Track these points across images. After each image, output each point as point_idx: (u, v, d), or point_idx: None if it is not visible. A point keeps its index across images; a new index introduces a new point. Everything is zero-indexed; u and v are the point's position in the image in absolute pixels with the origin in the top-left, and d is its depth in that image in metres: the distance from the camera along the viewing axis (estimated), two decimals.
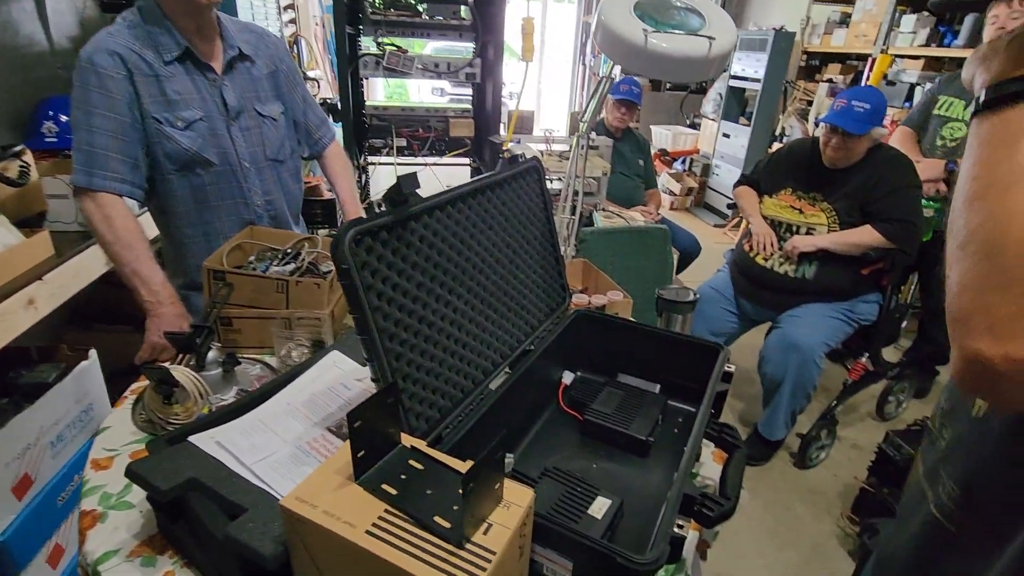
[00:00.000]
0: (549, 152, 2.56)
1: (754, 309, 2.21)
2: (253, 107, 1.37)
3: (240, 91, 1.34)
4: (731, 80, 4.98)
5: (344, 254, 0.64)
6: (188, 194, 1.34)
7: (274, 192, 1.45)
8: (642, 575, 0.59)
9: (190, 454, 0.76)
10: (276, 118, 1.42)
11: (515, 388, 0.92)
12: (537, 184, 1.06)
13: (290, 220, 1.55)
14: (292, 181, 1.53)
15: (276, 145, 1.43)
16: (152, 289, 1.23)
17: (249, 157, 1.37)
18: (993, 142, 0.47)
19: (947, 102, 2.31)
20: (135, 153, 1.24)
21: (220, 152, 1.32)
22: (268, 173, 1.43)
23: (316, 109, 1.57)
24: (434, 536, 0.54)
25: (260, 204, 1.43)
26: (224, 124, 1.32)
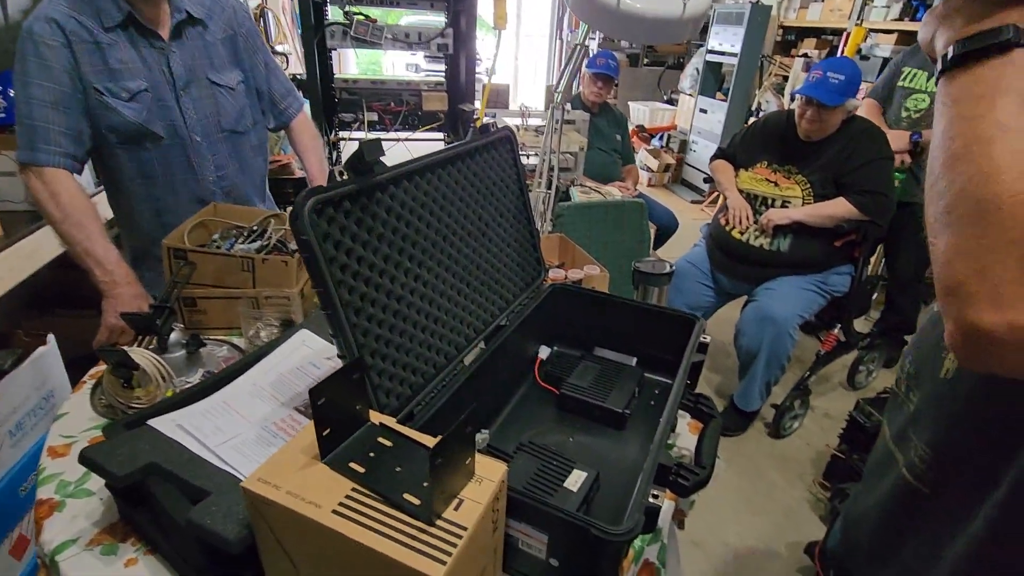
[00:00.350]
0: (525, 127, 2.51)
1: (730, 283, 2.22)
2: (205, 75, 1.29)
3: (190, 58, 1.26)
4: (708, 55, 4.95)
5: (304, 225, 0.61)
6: (135, 169, 1.28)
7: (229, 166, 1.38)
8: (617, 545, 0.59)
9: (150, 438, 0.72)
10: (233, 87, 1.35)
11: (490, 363, 0.90)
12: (510, 154, 1.03)
13: (252, 197, 1.48)
14: (254, 155, 1.46)
15: (233, 116, 1.36)
16: (106, 269, 1.17)
17: (201, 130, 1.30)
18: (969, 99, 0.45)
19: (911, 73, 2.33)
20: (78, 125, 1.18)
21: (168, 125, 1.25)
22: (223, 146, 1.36)
23: (281, 77, 1.49)
24: (403, 514, 0.53)
25: (212, 180, 1.36)
26: (172, 95, 1.25)
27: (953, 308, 0.42)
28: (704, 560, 1.74)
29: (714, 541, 1.81)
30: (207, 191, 1.36)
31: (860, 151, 1.97)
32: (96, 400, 0.96)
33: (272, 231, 1.27)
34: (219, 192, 1.38)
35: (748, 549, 1.79)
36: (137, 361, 0.90)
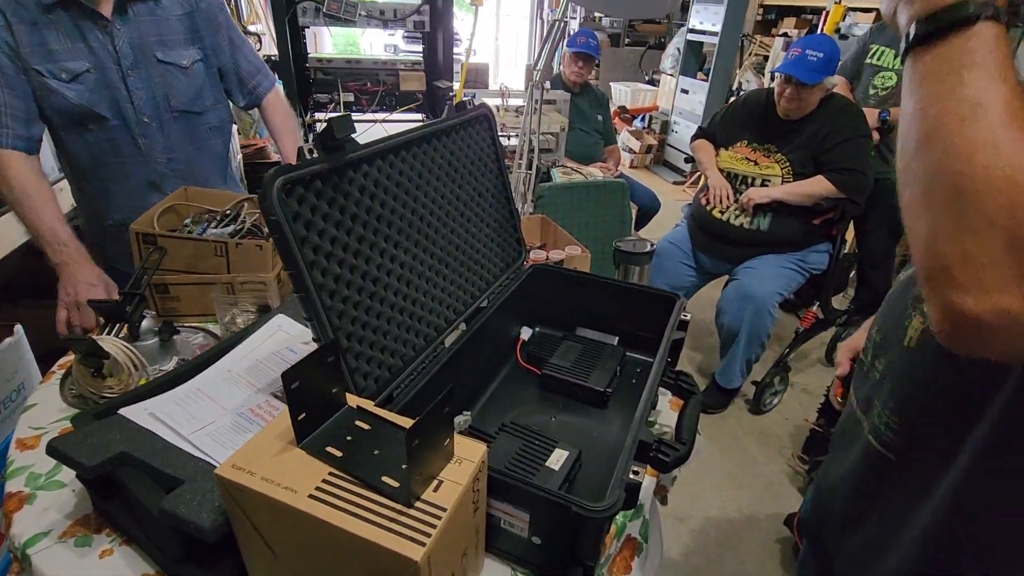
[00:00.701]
0: (506, 108, 2.48)
1: (711, 262, 2.24)
2: (154, 54, 1.24)
3: (137, 36, 1.21)
4: (689, 34, 4.92)
5: (272, 204, 0.59)
6: (83, 151, 1.25)
7: (181, 149, 1.34)
8: (598, 522, 0.59)
9: (121, 428, 0.71)
10: (186, 65, 1.29)
11: (470, 345, 0.89)
12: (488, 133, 1.01)
13: (211, 178, 1.44)
14: (212, 135, 1.41)
15: (188, 96, 1.31)
16: (55, 248, 1.14)
17: (150, 110, 1.26)
18: (937, 76, 0.43)
19: (878, 51, 2.34)
20: (23, 105, 1.15)
21: (114, 106, 1.22)
22: (175, 127, 1.31)
23: (249, 54, 1.44)
24: (382, 496, 0.52)
25: (163, 162, 1.32)
26: (118, 75, 1.20)
27: (937, 294, 0.41)
28: (687, 534, 1.78)
29: (697, 516, 1.84)
30: (157, 173, 1.32)
31: (838, 129, 1.98)
32: (66, 391, 0.94)
33: (246, 215, 1.24)
34: (170, 174, 1.34)
35: (729, 522, 1.83)
36: (107, 350, 0.87)
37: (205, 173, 1.42)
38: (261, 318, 0.98)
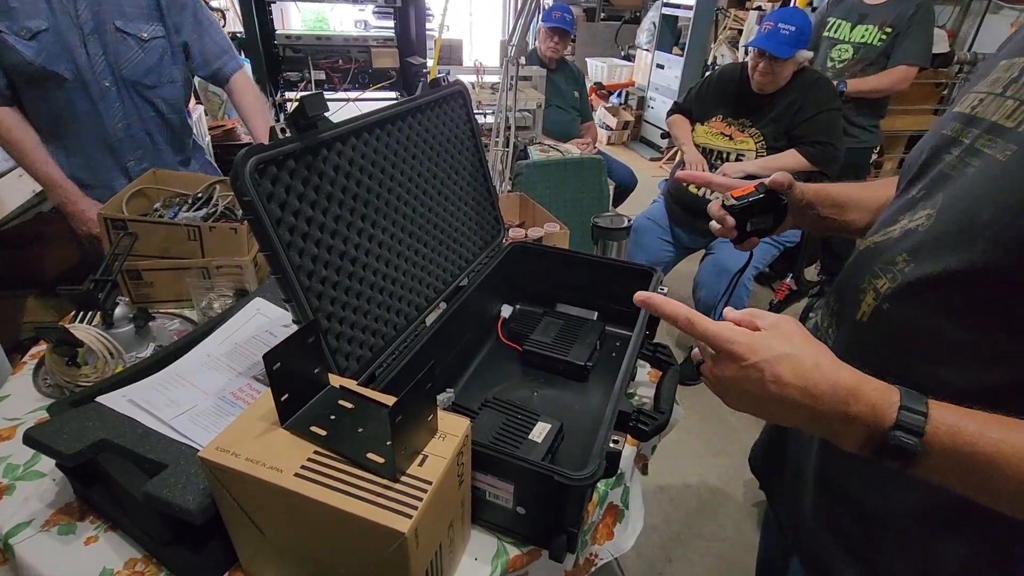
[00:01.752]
0: (481, 84, 2.45)
1: (688, 237, 2.26)
2: (112, 23, 1.27)
3: (97, 4, 1.25)
4: (664, 8, 4.89)
5: (246, 185, 0.58)
6: (43, 111, 1.29)
7: (137, 116, 1.38)
8: (580, 490, 0.61)
9: (99, 415, 0.70)
10: (144, 38, 1.31)
11: (451, 323, 0.90)
12: (463, 110, 1.00)
13: (165, 152, 1.47)
14: (169, 110, 1.44)
15: (140, 68, 1.33)
16: (52, 190, 1.32)
17: (110, 75, 1.31)
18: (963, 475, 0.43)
19: (835, 24, 2.38)
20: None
21: (72, 68, 1.26)
22: (130, 96, 1.35)
23: (215, 35, 1.42)
24: (368, 472, 0.53)
25: (121, 127, 1.37)
26: (79, 38, 1.24)
27: None
28: (668, 502, 1.83)
29: (677, 483, 1.90)
30: (115, 139, 1.37)
31: (810, 102, 2.00)
32: (40, 380, 0.92)
33: (219, 197, 1.22)
34: (127, 140, 1.39)
35: (709, 489, 1.89)
36: (80, 338, 0.86)
37: (160, 146, 1.46)
38: (239, 302, 0.97)
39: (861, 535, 0.62)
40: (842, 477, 0.63)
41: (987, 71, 0.56)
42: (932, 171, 0.56)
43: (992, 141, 0.49)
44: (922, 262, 0.51)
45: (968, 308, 0.48)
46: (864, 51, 2.32)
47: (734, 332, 0.49)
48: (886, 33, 2.28)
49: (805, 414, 0.46)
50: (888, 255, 0.56)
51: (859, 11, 2.35)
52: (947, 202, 0.52)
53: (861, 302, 0.59)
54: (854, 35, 2.35)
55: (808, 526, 0.68)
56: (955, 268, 0.48)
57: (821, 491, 0.66)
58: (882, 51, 2.29)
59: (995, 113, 0.51)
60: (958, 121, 0.55)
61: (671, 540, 1.71)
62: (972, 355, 0.48)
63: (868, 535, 0.61)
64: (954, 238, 0.49)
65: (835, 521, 0.64)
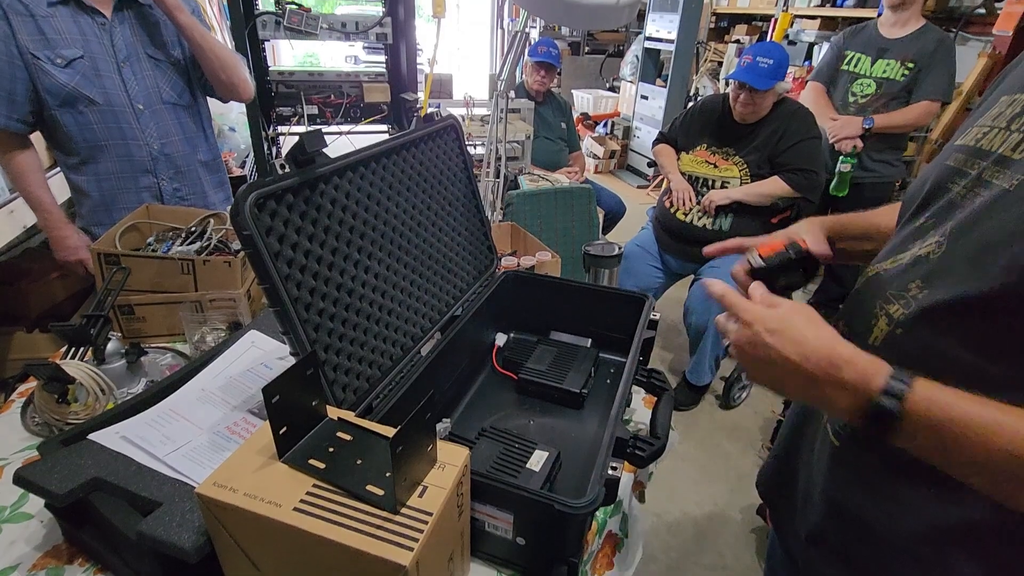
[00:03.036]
0: (471, 117, 2.50)
1: (677, 263, 2.30)
2: (145, 51, 1.38)
3: (131, 34, 1.37)
4: (646, 42, 5.05)
5: (245, 219, 0.59)
6: (76, 131, 1.37)
7: (173, 135, 1.46)
8: (580, 518, 0.61)
9: (91, 453, 0.69)
10: (174, 62, 1.43)
11: (447, 353, 0.90)
12: (456, 143, 1.03)
13: (198, 169, 1.54)
14: (198, 128, 1.53)
15: (176, 89, 1.45)
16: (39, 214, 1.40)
17: (144, 99, 1.40)
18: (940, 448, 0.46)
19: (854, 58, 2.37)
20: (11, 87, 1.29)
21: (103, 91, 1.35)
22: (166, 115, 1.44)
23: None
24: (367, 505, 0.52)
25: (157, 147, 1.44)
26: (112, 65, 1.35)
27: None
28: (665, 530, 1.81)
29: (674, 511, 1.88)
30: (151, 158, 1.44)
31: (791, 132, 2.07)
32: (28, 419, 0.90)
33: (212, 231, 1.22)
34: (161, 158, 1.46)
35: (706, 516, 1.87)
36: (71, 374, 0.85)
37: (194, 165, 1.53)
38: (233, 335, 0.97)
39: (870, 558, 0.62)
40: (850, 499, 0.63)
41: (987, 106, 0.59)
42: (939, 200, 0.58)
43: (1000, 172, 0.51)
44: (935, 289, 0.53)
45: (981, 334, 0.50)
46: (887, 86, 2.30)
47: (749, 304, 0.57)
48: (908, 68, 2.25)
49: (801, 378, 0.51)
50: (900, 282, 0.57)
51: (878, 45, 2.32)
52: (957, 230, 0.53)
53: (873, 327, 0.60)
54: (875, 70, 2.33)
55: (817, 550, 0.68)
56: (969, 295, 0.49)
57: (829, 514, 0.66)
58: (904, 86, 2.27)
59: (1001, 145, 0.53)
60: (962, 153, 0.57)
61: (671, 570, 1.69)
62: (985, 381, 0.49)
63: (877, 557, 0.61)
64: (966, 265, 0.50)
65: (844, 544, 0.64)
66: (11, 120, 1.32)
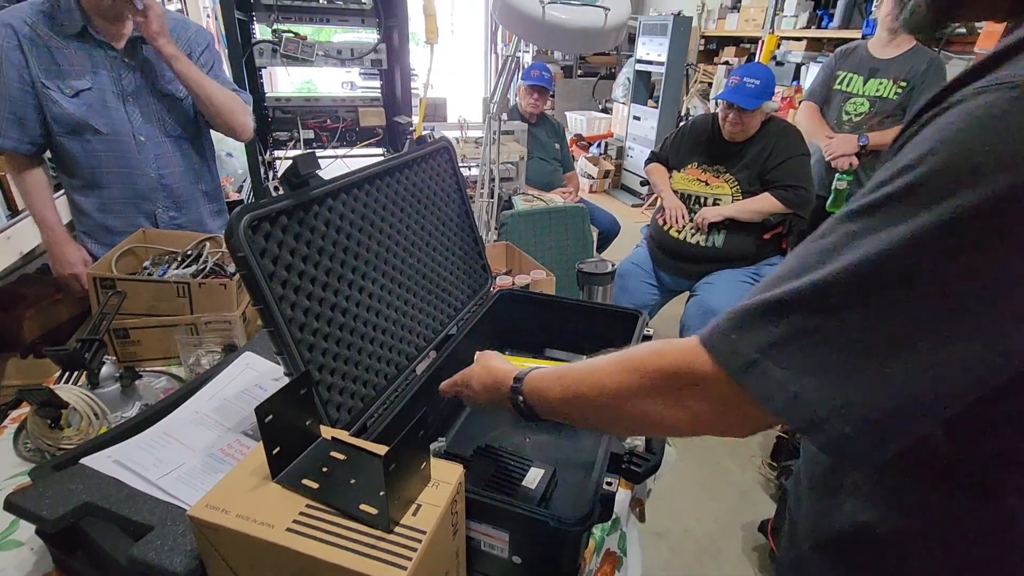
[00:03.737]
0: (465, 139, 2.54)
1: (672, 280, 2.31)
2: (154, 86, 1.43)
3: (142, 72, 1.42)
4: (637, 64, 5.16)
5: (239, 241, 0.60)
6: (82, 157, 1.41)
7: (172, 167, 1.50)
8: (576, 534, 0.60)
9: (83, 478, 0.68)
10: (182, 97, 1.46)
11: (442, 371, 0.90)
12: (449, 164, 1.05)
13: (198, 196, 1.58)
14: (201, 161, 1.58)
15: (182, 122, 1.49)
16: (42, 229, 1.45)
17: (146, 131, 1.44)
18: None
19: (846, 77, 2.44)
20: (21, 112, 1.34)
21: (110, 122, 1.40)
22: (168, 147, 1.48)
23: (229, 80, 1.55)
24: (361, 524, 0.52)
25: (155, 176, 1.48)
26: (118, 98, 1.40)
27: None
28: (667, 549, 1.79)
29: (675, 529, 1.86)
30: (149, 187, 1.49)
31: (780, 149, 2.11)
32: (21, 445, 0.90)
33: (208, 254, 1.23)
34: (160, 189, 1.50)
35: (707, 534, 1.85)
36: (65, 399, 0.84)
37: (194, 195, 1.57)
38: (227, 357, 0.97)
39: None
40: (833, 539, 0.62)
41: None
42: None
43: None
44: None
45: None
46: (880, 104, 2.36)
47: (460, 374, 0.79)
48: (901, 87, 2.31)
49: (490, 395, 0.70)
50: None
51: (870, 65, 2.38)
52: None
53: None
54: (868, 88, 2.38)
55: None
56: None
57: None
58: (898, 104, 2.33)
59: None
60: None
61: None
62: None
63: None
64: None
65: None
66: (22, 143, 1.37)
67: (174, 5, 3.29)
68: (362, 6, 2.18)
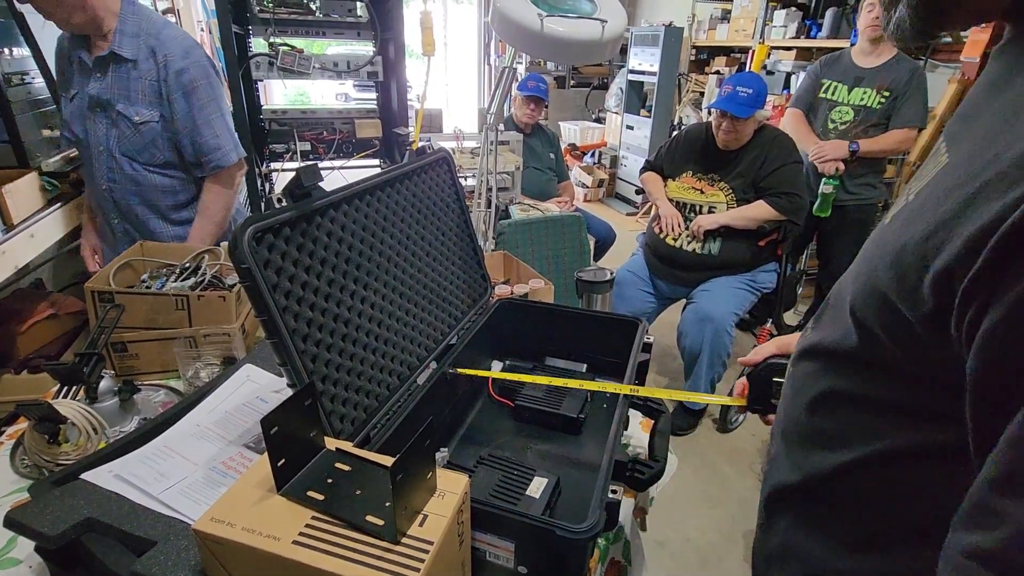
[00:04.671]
0: (461, 150, 2.55)
1: (668, 287, 2.32)
2: (115, 105, 1.44)
3: (107, 88, 1.44)
4: (630, 74, 5.21)
5: (244, 253, 0.60)
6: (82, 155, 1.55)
7: (122, 186, 1.52)
8: (582, 543, 0.60)
9: (84, 493, 0.68)
10: (139, 122, 1.46)
11: (443, 381, 0.90)
12: (448, 175, 1.05)
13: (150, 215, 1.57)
14: (161, 190, 1.55)
15: (135, 147, 1.49)
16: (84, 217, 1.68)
17: (103, 144, 1.48)
18: None
19: (831, 86, 2.48)
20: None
21: (83, 129, 1.49)
22: (121, 164, 1.50)
23: (214, 131, 1.51)
24: (367, 536, 0.52)
25: (104, 188, 1.53)
26: (89, 109, 1.46)
27: None
28: (669, 558, 1.78)
29: (677, 538, 1.85)
30: (101, 196, 1.56)
31: (773, 157, 2.13)
32: (18, 461, 0.89)
33: (207, 267, 1.23)
34: (109, 200, 1.55)
35: (708, 542, 1.85)
36: (64, 414, 0.84)
37: (145, 217, 1.57)
38: (227, 370, 0.96)
39: None
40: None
41: None
42: None
43: None
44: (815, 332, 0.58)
45: None
46: (865, 113, 2.40)
47: None
48: (884, 96, 2.36)
49: None
50: None
51: (854, 74, 2.43)
52: None
53: None
54: (852, 97, 2.43)
55: None
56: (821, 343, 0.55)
57: None
58: (882, 112, 2.37)
59: None
60: None
61: None
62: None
63: None
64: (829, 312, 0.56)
65: None
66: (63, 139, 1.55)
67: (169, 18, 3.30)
68: (358, 19, 2.20)
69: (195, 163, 1.53)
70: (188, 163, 1.54)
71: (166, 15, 3.28)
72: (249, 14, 2.04)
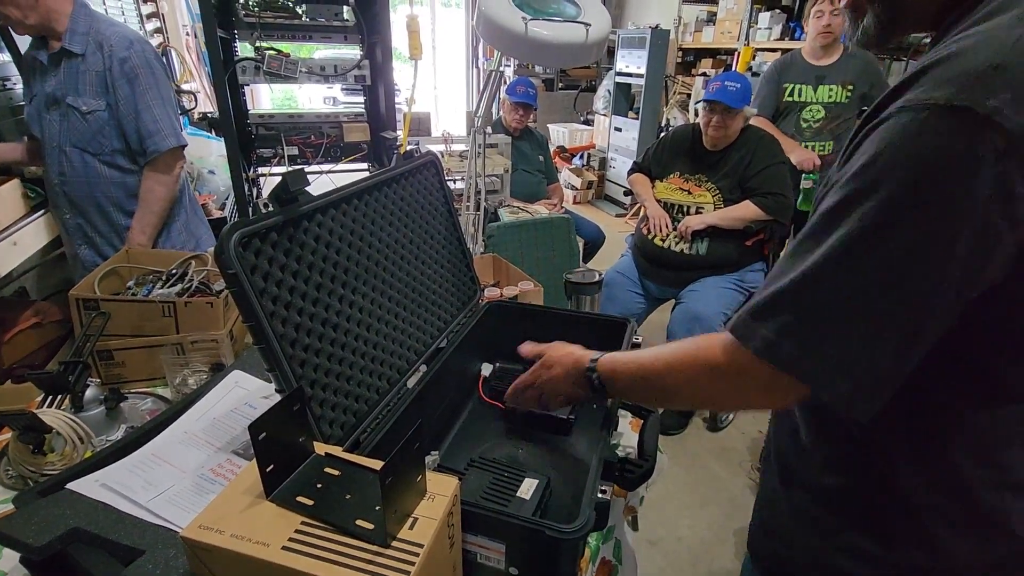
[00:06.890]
0: (449, 153, 2.55)
1: (657, 288, 2.34)
2: (65, 99, 1.50)
3: (59, 83, 1.50)
4: (617, 76, 5.24)
5: (230, 258, 0.60)
6: None
7: (73, 176, 1.57)
8: (572, 543, 0.60)
9: (70, 503, 0.67)
10: (87, 112, 1.51)
11: (433, 384, 0.90)
12: (436, 178, 1.05)
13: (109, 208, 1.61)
14: (109, 170, 1.59)
15: (85, 136, 1.53)
16: None
17: (55, 139, 1.53)
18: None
19: (795, 88, 2.57)
20: None
21: (40, 127, 1.54)
22: (71, 158, 1.55)
23: (153, 116, 1.55)
24: (358, 540, 0.52)
25: (56, 182, 1.58)
26: (44, 107, 1.51)
27: None
28: (661, 557, 1.79)
29: (668, 537, 1.86)
30: (53, 191, 1.60)
31: (758, 157, 2.15)
32: (2, 472, 0.88)
33: (193, 273, 1.22)
34: (62, 194, 1.60)
35: (700, 541, 1.86)
36: (49, 423, 0.83)
37: (96, 202, 1.60)
38: (215, 376, 0.96)
39: None
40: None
41: None
42: None
43: None
44: None
45: None
46: (835, 108, 2.52)
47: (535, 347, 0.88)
48: (849, 90, 2.49)
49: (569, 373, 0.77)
50: None
51: (815, 73, 2.53)
52: None
53: None
54: (820, 95, 2.53)
55: None
56: None
57: None
58: (850, 105, 2.49)
59: None
60: None
61: None
62: None
63: None
64: None
65: None
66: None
67: (152, 24, 3.28)
68: (344, 23, 2.19)
69: (140, 151, 1.58)
70: (134, 152, 1.58)
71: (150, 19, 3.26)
72: (235, 18, 2.02)
